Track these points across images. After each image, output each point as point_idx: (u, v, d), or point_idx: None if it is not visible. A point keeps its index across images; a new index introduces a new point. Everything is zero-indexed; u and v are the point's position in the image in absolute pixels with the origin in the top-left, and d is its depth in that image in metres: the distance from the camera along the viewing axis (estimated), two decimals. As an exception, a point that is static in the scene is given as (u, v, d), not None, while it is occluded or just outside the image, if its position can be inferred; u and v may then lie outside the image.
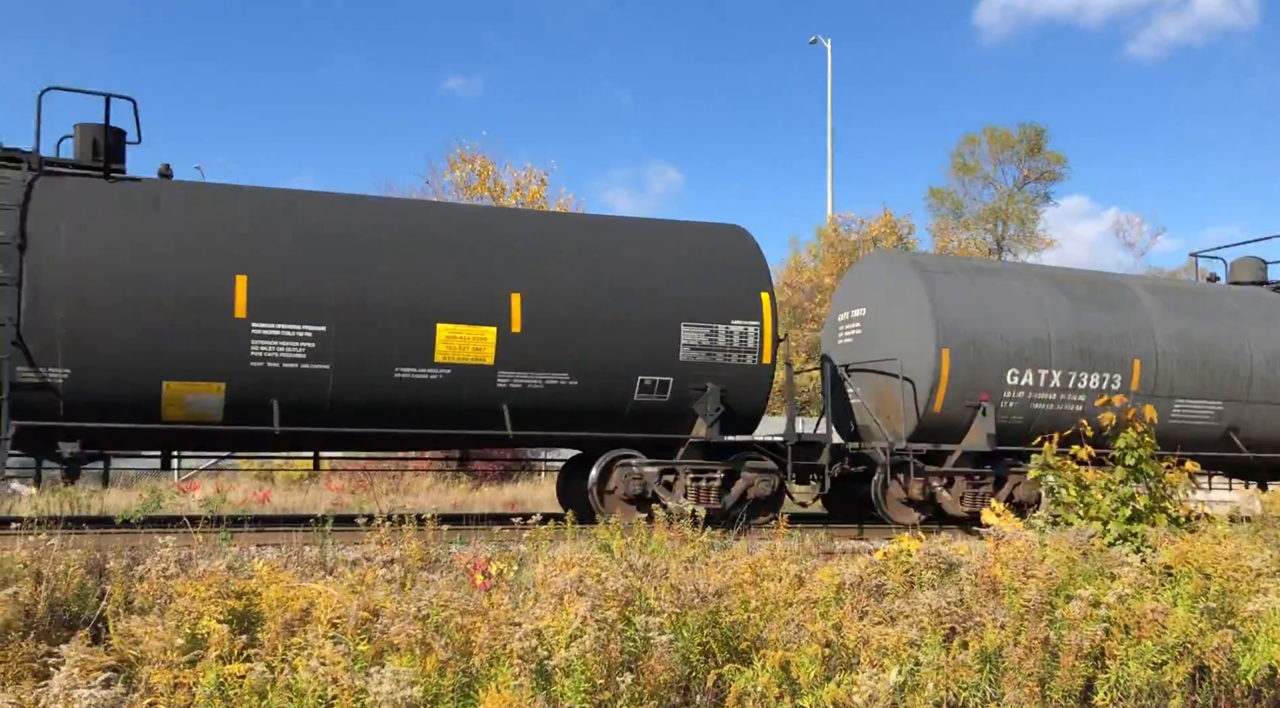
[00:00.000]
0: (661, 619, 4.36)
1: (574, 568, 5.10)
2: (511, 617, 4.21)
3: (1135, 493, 7.65)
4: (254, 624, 4.26)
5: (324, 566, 5.98)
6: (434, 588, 4.56)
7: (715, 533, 7.74)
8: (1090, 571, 5.63)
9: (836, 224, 35.58)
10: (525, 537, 7.45)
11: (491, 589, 5.22)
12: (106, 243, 9.91)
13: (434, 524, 7.39)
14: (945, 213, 50.30)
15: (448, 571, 6.11)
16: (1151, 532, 7.03)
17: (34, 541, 5.38)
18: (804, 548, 7.61)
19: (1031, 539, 6.39)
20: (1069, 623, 4.47)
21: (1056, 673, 4.27)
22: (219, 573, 4.46)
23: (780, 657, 4.21)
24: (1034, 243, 50.03)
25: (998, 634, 4.42)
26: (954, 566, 5.62)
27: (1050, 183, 51.88)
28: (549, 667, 3.87)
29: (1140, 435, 7.92)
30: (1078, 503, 7.79)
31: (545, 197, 29.28)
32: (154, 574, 4.49)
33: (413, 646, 3.89)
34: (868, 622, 4.61)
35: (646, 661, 4.08)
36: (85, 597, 4.89)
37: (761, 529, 10.77)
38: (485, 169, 29.00)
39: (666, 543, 7.16)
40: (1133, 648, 4.38)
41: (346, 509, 15.22)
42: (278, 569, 4.92)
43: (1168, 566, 5.80)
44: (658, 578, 5.19)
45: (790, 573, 5.53)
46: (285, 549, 7.02)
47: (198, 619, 3.98)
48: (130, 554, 5.55)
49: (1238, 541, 6.21)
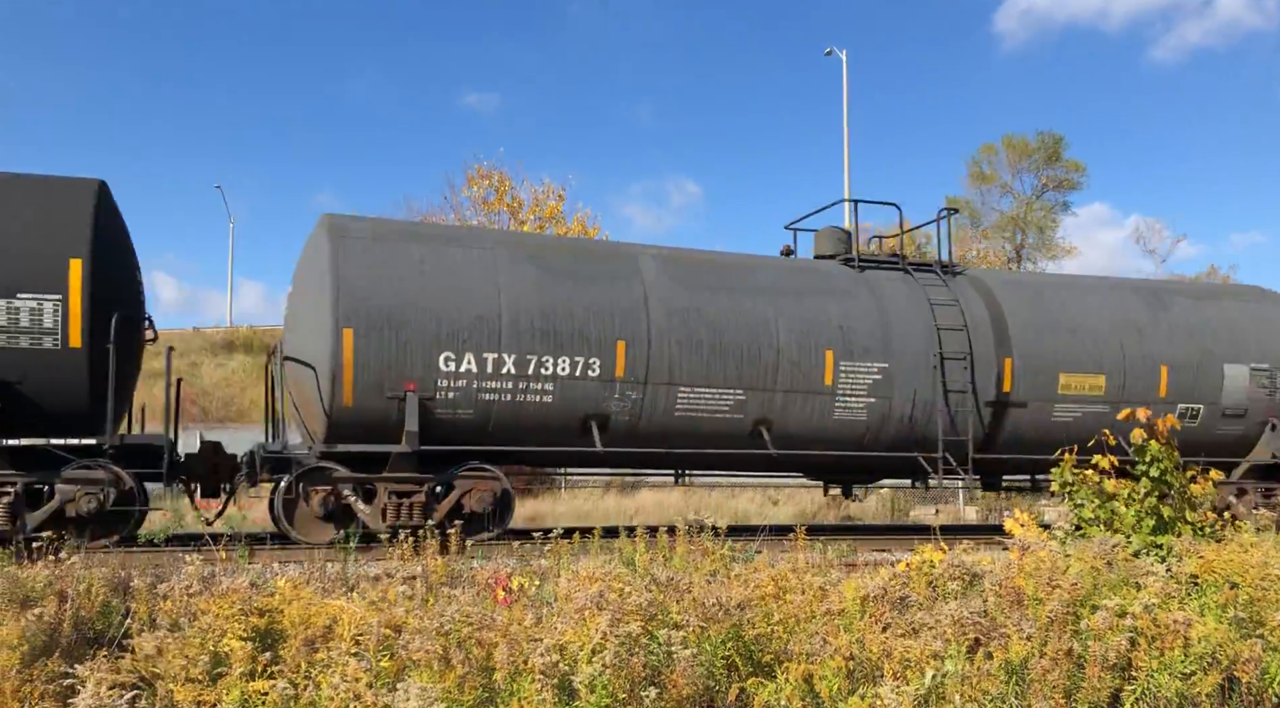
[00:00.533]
0: (685, 633, 4.35)
1: (596, 583, 5.09)
2: (533, 632, 4.21)
3: (1159, 505, 7.59)
4: (277, 641, 4.27)
5: (345, 582, 6.00)
6: (455, 604, 4.56)
7: (736, 546, 7.72)
8: (1115, 580, 5.58)
9: (854, 234, 35.51)
10: (546, 551, 7.46)
11: (513, 604, 5.22)
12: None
13: (456, 539, 7.42)
14: (963, 222, 50.20)
15: (469, 586, 6.12)
16: (1177, 542, 6.96)
17: (57, 559, 5.42)
18: (826, 560, 7.58)
19: (1055, 550, 6.34)
20: (1095, 634, 4.43)
21: (1083, 684, 4.23)
22: (242, 590, 4.49)
23: (803, 670, 4.19)
24: (1054, 251, 49.88)
25: (1023, 645, 4.38)
26: (978, 576, 5.58)
27: (1069, 191, 51.77)
28: (571, 682, 3.86)
29: (1165, 447, 7.86)
30: (1099, 517, 7.73)
31: (563, 212, 29.41)
32: (178, 592, 4.52)
33: (433, 662, 3.89)
34: (891, 633, 4.58)
35: (669, 675, 4.07)
36: (110, 615, 4.93)
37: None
38: (503, 185, 29.16)
39: (688, 556, 7.15)
40: (1159, 659, 4.33)
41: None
42: (300, 586, 4.94)
43: (1194, 575, 5.74)
44: (680, 592, 5.18)
45: (813, 585, 5.51)
46: (307, 566, 7.05)
47: (221, 637, 4.00)
48: (154, 572, 5.59)
49: (1264, 549, 6.14)
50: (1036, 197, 51.00)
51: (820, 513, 21.06)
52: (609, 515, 17.44)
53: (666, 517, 12.35)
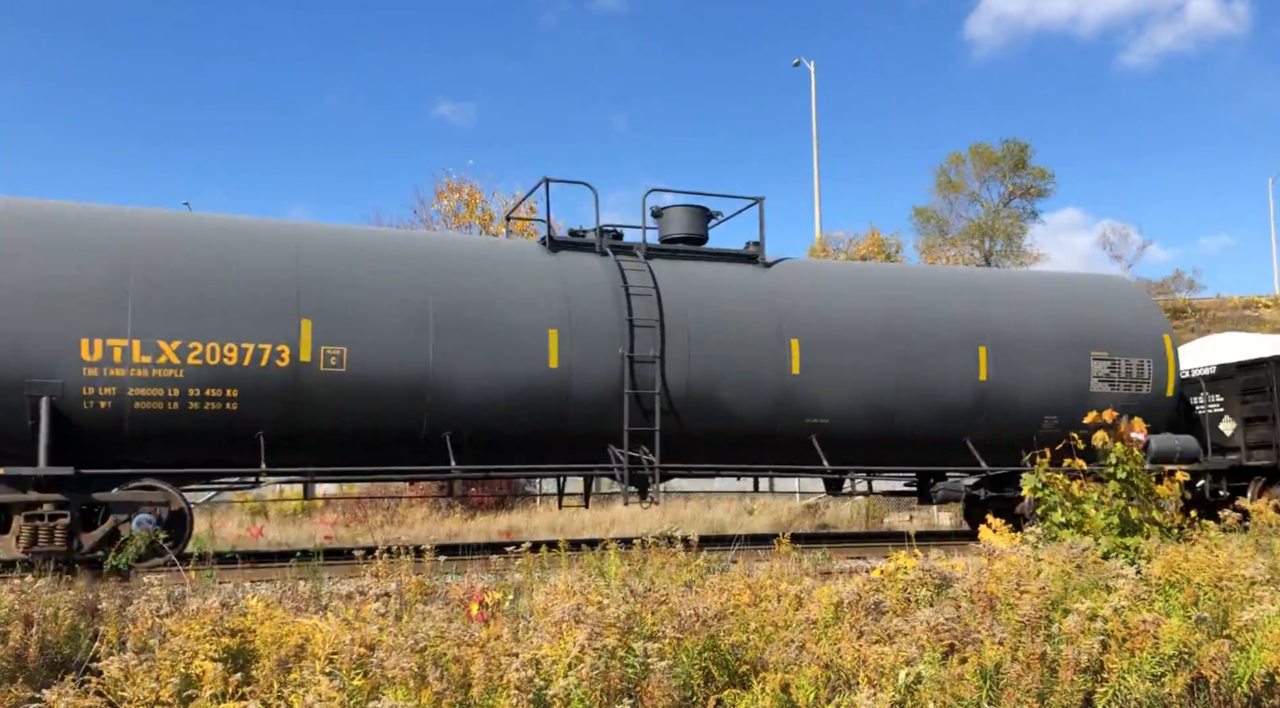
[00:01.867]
0: (661, 645, 4.34)
1: (573, 596, 5.08)
2: (509, 647, 4.19)
3: (1125, 506, 7.67)
4: (249, 661, 4.23)
5: (318, 600, 5.95)
6: (430, 620, 4.53)
7: (712, 556, 7.73)
8: (1085, 584, 5.63)
9: (825, 244, 35.74)
10: (519, 565, 7.43)
11: (488, 620, 5.20)
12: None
13: (430, 556, 7.37)
14: (932, 231, 50.66)
15: (444, 602, 6.08)
16: (1145, 543, 7.04)
17: (22, 583, 5.34)
18: (801, 569, 7.60)
19: (1027, 554, 6.39)
20: (1067, 637, 4.46)
21: (1056, 688, 4.27)
22: (213, 610, 4.44)
23: (780, 679, 4.20)
24: (1021, 257, 50.38)
25: (996, 650, 4.41)
26: (950, 582, 5.62)
27: (1036, 198, 52.39)
28: (547, 696, 3.85)
29: (1129, 450, 7.95)
30: (1069, 521, 7.81)
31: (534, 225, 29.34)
32: (147, 614, 4.46)
33: (408, 679, 3.86)
34: (865, 641, 4.60)
35: (645, 687, 4.06)
36: (77, 639, 4.86)
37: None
38: (473, 198, 29.09)
39: (663, 568, 7.15)
40: (1130, 660, 4.37)
41: (341, 543, 15.15)
42: (272, 605, 4.89)
43: (1161, 576, 5.80)
44: (656, 603, 5.18)
45: (789, 594, 5.52)
46: (280, 584, 6.98)
47: (191, 659, 3.96)
48: (123, 594, 5.52)
49: (1230, 549, 6.22)
50: (1004, 204, 51.57)
51: (796, 521, 21.11)
52: (584, 528, 17.39)
53: (642, 529, 12.35)
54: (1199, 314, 45.53)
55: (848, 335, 13.68)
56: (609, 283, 12.90)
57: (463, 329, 11.85)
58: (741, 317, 13.31)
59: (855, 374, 13.55)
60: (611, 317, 12.64)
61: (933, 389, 13.91)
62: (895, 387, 13.72)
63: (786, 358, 13.23)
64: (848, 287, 14.42)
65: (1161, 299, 48.37)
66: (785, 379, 13.21)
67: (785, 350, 13.25)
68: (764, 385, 13.13)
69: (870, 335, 13.77)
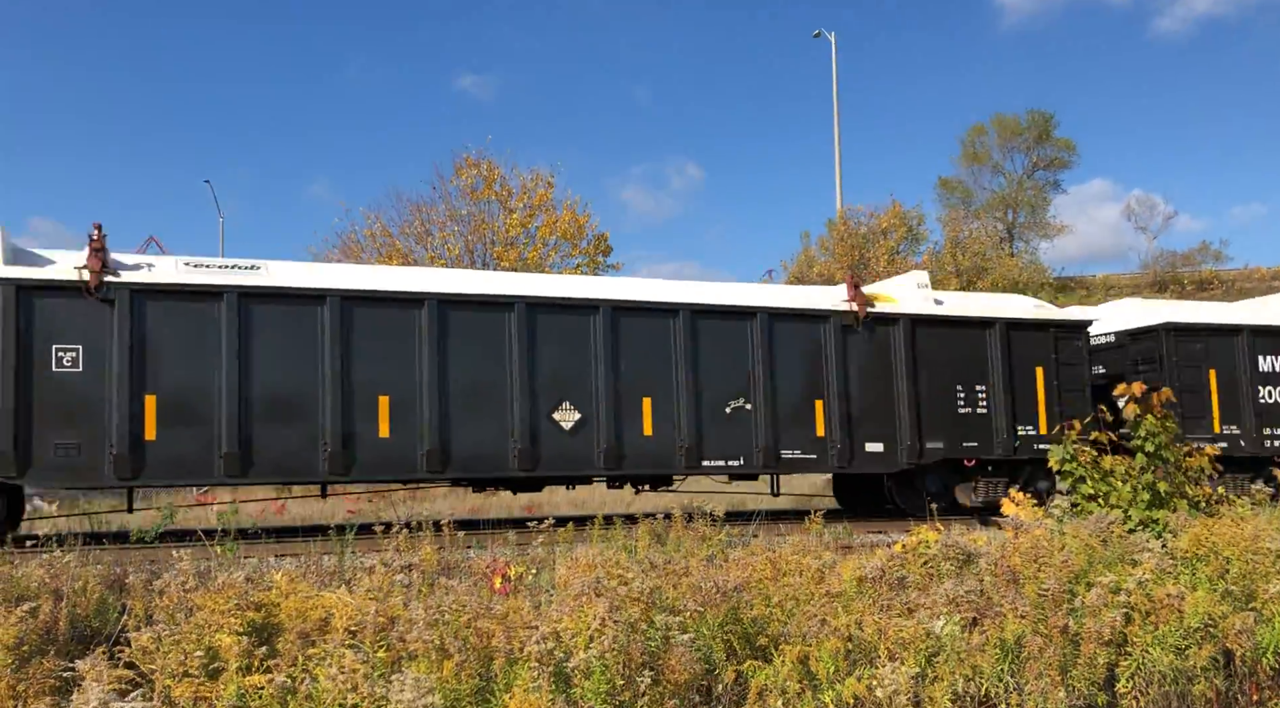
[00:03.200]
0: (682, 618, 4.35)
1: (593, 570, 5.09)
2: (530, 619, 4.21)
3: (1156, 480, 7.60)
4: (273, 635, 4.27)
5: (341, 575, 6.00)
6: (452, 594, 4.56)
7: (734, 531, 7.74)
8: (1110, 557, 5.60)
9: (846, 217, 35.46)
10: (541, 541, 7.46)
11: (510, 593, 5.22)
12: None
13: (451, 530, 7.41)
14: (955, 203, 50.20)
15: (466, 576, 6.11)
16: (1172, 517, 6.98)
17: (51, 558, 5.40)
18: (822, 544, 7.59)
19: (1051, 527, 6.35)
20: (1090, 610, 4.44)
21: (1078, 660, 4.25)
22: (238, 585, 4.48)
23: (799, 652, 4.19)
24: (1046, 230, 49.92)
25: (1018, 623, 4.39)
26: (972, 557, 5.60)
27: (1060, 170, 51.81)
28: (567, 668, 3.86)
29: (1161, 422, 7.87)
30: (1099, 492, 7.75)
31: (553, 200, 29.31)
32: (173, 588, 4.51)
33: (430, 652, 3.89)
34: (887, 614, 4.59)
35: (666, 660, 4.07)
36: (106, 612, 4.91)
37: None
38: (492, 173, 29.03)
39: (685, 541, 7.16)
40: (1154, 633, 4.34)
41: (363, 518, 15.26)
42: (296, 579, 4.93)
43: (1188, 550, 5.76)
44: (678, 576, 5.19)
45: (810, 568, 5.51)
46: (304, 559, 7.04)
47: (217, 632, 4.00)
48: (150, 569, 5.57)
49: (1256, 523, 6.16)
50: (1028, 176, 51.02)
51: (817, 498, 21.09)
52: (605, 504, 17.43)
53: (664, 504, 12.34)
54: (1225, 286, 44.99)
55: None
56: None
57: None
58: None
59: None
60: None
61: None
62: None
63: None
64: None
65: (1186, 271, 47.79)
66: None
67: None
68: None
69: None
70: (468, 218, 29.01)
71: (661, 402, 11.97)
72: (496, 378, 11.35)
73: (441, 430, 11.05)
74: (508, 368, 11.38)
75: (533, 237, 28.78)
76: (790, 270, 37.07)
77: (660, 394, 11.99)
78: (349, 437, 10.76)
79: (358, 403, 10.84)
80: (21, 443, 9.85)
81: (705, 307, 12.45)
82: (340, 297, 10.92)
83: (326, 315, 10.85)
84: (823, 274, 33.00)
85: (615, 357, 11.85)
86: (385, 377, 10.99)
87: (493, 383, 11.34)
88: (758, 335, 12.51)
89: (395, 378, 11.02)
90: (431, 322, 11.18)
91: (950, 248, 35.55)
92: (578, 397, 11.68)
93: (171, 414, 10.27)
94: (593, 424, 11.68)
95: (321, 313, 10.88)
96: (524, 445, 11.29)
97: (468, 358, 11.27)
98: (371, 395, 10.92)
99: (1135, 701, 4.32)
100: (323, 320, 10.85)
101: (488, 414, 11.32)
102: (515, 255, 27.90)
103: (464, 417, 11.22)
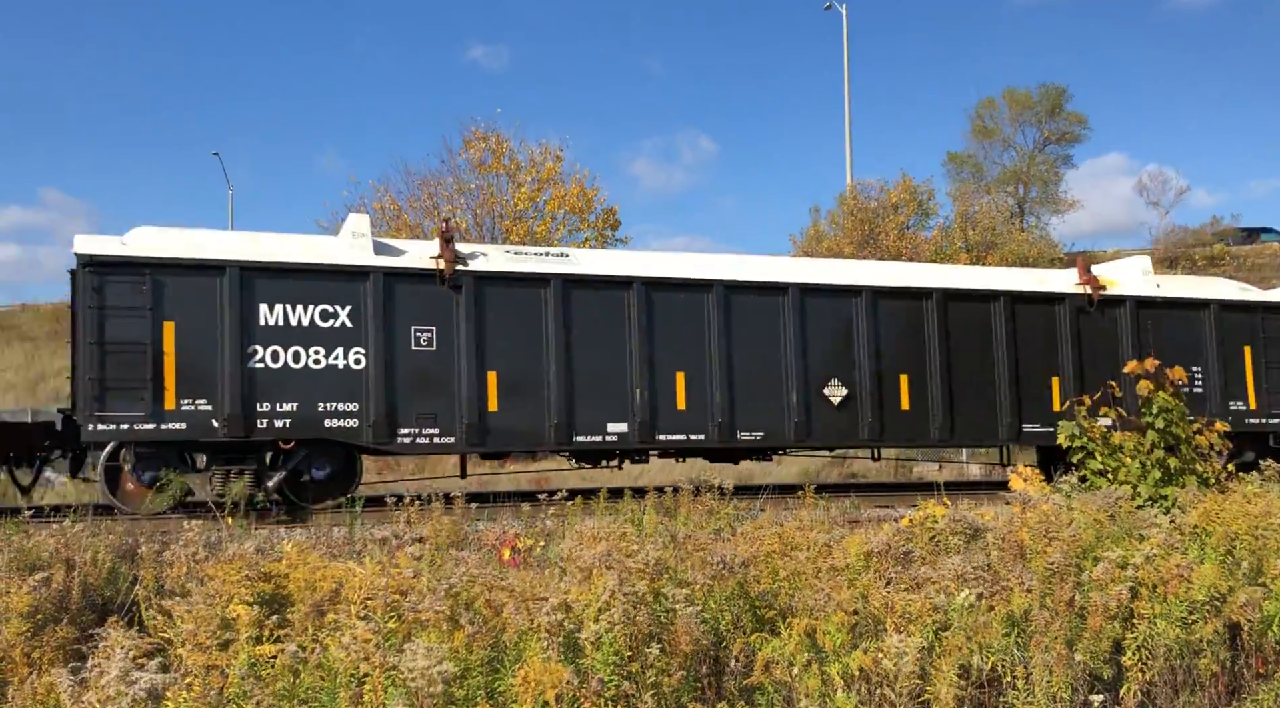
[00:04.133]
0: (690, 590, 4.37)
1: (602, 542, 5.11)
2: (539, 591, 4.23)
3: (1165, 456, 7.59)
4: (283, 605, 4.30)
5: (352, 546, 6.03)
6: (463, 565, 4.58)
7: (741, 505, 7.76)
8: (1118, 533, 5.60)
9: (856, 191, 35.27)
10: (552, 513, 7.50)
11: (520, 565, 5.25)
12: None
13: (461, 503, 7.45)
14: (965, 177, 49.88)
15: (476, 548, 6.15)
16: (1181, 493, 6.98)
17: (62, 528, 5.44)
18: (829, 517, 7.61)
19: (1059, 502, 6.35)
20: (1096, 584, 4.45)
21: (1084, 634, 4.26)
22: (248, 555, 4.51)
23: (806, 624, 4.21)
24: (1057, 205, 49.60)
25: (1025, 598, 4.40)
26: (979, 531, 5.60)
27: (1071, 144, 51.38)
28: (578, 639, 3.89)
29: (1173, 398, 7.86)
30: (1107, 467, 7.75)
31: (561, 174, 29.21)
32: (183, 559, 4.54)
33: (441, 622, 3.91)
34: (893, 588, 4.60)
35: (673, 632, 4.09)
36: (117, 582, 4.96)
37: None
38: (500, 147, 28.92)
39: (693, 515, 7.18)
40: (1160, 606, 4.35)
41: (373, 490, 15.34)
42: (306, 550, 4.96)
43: (1197, 526, 5.75)
44: (687, 550, 5.20)
45: (817, 542, 5.53)
46: (314, 530, 7.08)
47: (229, 602, 4.03)
48: (161, 539, 5.62)
49: (1268, 499, 6.15)
50: (1039, 150, 50.64)
51: (824, 472, 21.12)
52: (614, 478, 17.49)
53: (672, 478, 12.40)
54: (1237, 261, 44.69)
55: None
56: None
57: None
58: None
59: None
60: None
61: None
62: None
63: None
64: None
65: (1198, 248, 47.45)
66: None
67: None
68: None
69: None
70: (476, 192, 28.96)
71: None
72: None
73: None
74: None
75: (541, 210, 28.71)
76: (800, 245, 36.94)
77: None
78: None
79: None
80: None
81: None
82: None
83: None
84: (831, 249, 32.87)
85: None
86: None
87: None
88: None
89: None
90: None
91: (960, 222, 35.35)
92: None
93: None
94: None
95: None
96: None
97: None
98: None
99: (1141, 673, 4.33)
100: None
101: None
102: (524, 229, 27.84)
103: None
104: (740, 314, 12.73)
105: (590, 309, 12.17)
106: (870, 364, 13.08)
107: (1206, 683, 4.51)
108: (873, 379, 13.07)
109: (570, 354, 11.96)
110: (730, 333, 12.58)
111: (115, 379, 10.31)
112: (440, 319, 11.59)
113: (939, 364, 13.29)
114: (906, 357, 13.34)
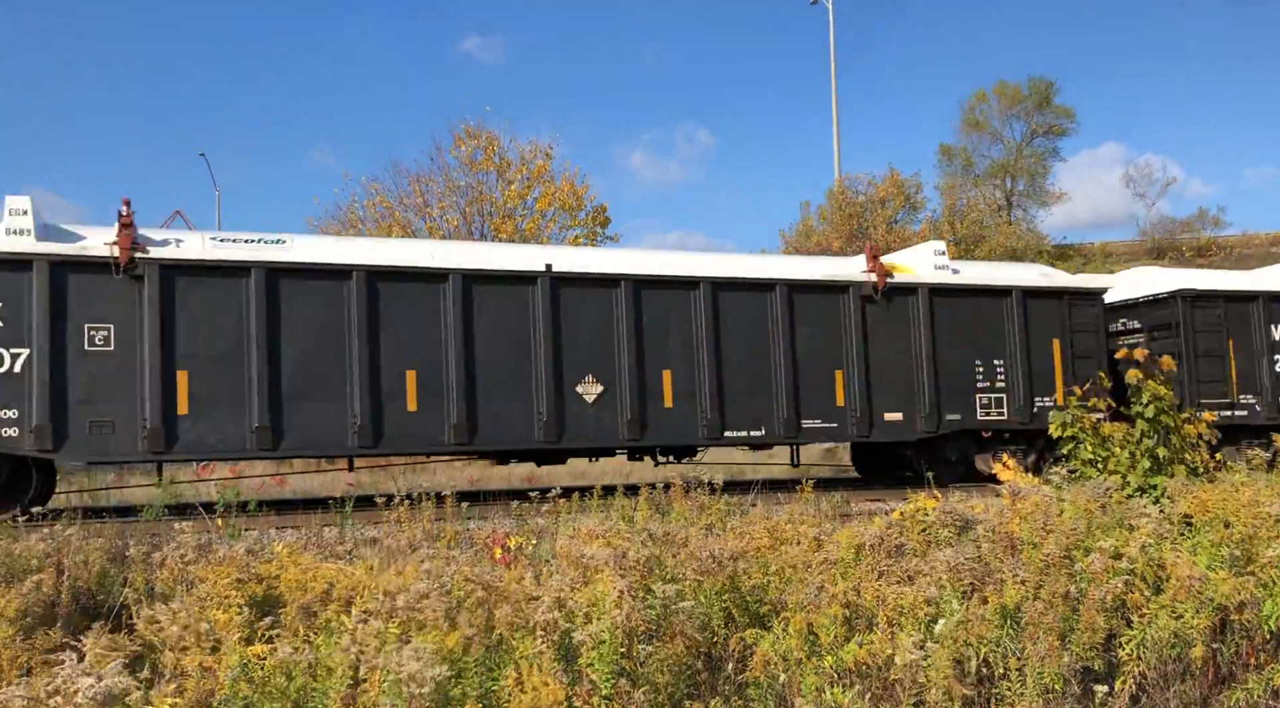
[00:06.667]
0: (681, 587, 4.37)
1: (595, 540, 5.11)
2: (531, 591, 4.22)
3: (1154, 446, 7.61)
4: (275, 607, 4.28)
5: (343, 546, 6.01)
6: (454, 564, 4.57)
7: (732, 501, 7.76)
8: (1109, 523, 5.61)
9: (845, 186, 35.29)
10: (544, 511, 7.48)
11: (511, 564, 5.24)
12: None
13: (452, 502, 7.43)
14: (956, 170, 49.96)
15: (467, 547, 6.14)
16: (1170, 483, 7.00)
17: (52, 532, 5.41)
18: (820, 512, 7.61)
19: (1049, 494, 6.37)
20: (1089, 576, 4.46)
21: (1077, 626, 4.27)
22: (239, 557, 4.49)
23: (799, 619, 4.22)
24: (1044, 197, 49.72)
25: (1017, 590, 4.41)
26: (970, 523, 5.61)
27: (1059, 137, 51.47)
28: (573, 639, 3.88)
29: (1162, 387, 7.87)
30: (1097, 457, 7.76)
31: (551, 171, 29.16)
32: (173, 560, 4.52)
33: (438, 622, 3.90)
34: (885, 581, 4.61)
35: (667, 629, 4.09)
36: (108, 585, 4.93)
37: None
38: (491, 144, 28.86)
39: (685, 512, 7.18)
40: (1156, 599, 4.36)
41: (364, 490, 15.29)
42: (297, 551, 4.94)
43: (1186, 515, 5.77)
44: (677, 546, 5.20)
45: (808, 536, 5.53)
46: (305, 531, 7.06)
47: (219, 605, 4.01)
48: (151, 541, 5.59)
49: (1255, 488, 6.18)
50: (1026, 143, 50.75)
51: (815, 466, 21.15)
52: (605, 475, 17.48)
53: (662, 475, 12.39)
54: (1225, 252, 44.87)
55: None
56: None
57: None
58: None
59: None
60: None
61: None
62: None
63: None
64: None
65: (1185, 237, 47.60)
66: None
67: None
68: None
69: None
70: (466, 189, 28.88)
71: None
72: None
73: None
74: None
75: (530, 208, 28.67)
76: (789, 240, 36.95)
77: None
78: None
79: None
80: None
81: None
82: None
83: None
84: (820, 244, 32.90)
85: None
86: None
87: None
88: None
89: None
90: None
91: (948, 216, 35.42)
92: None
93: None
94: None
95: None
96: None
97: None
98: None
99: (1135, 664, 4.34)
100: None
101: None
102: (513, 227, 27.79)
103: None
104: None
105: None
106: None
107: (1198, 673, 4.53)
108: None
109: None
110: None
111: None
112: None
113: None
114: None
